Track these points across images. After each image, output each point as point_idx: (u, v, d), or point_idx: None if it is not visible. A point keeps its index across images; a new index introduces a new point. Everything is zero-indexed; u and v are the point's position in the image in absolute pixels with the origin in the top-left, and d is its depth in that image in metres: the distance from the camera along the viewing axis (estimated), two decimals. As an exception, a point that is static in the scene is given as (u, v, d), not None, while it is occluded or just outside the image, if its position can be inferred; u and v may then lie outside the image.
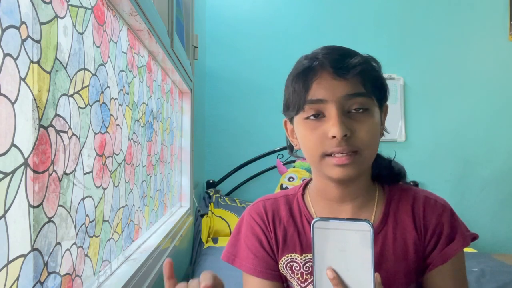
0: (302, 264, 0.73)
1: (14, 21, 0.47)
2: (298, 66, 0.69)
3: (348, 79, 0.64)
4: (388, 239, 0.70)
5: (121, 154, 0.91)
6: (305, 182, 0.82)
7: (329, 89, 0.64)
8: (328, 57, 0.65)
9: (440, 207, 0.72)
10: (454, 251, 0.68)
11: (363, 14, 2.72)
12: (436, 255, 0.69)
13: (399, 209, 0.72)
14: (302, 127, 0.67)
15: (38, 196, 0.53)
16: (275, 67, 2.62)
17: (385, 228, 0.71)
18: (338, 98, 0.63)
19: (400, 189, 0.75)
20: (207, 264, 1.72)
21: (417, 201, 0.72)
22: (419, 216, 0.71)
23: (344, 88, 0.64)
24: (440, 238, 0.69)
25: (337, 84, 0.64)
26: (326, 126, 0.64)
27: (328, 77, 0.64)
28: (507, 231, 2.60)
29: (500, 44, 2.69)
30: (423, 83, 2.68)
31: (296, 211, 0.77)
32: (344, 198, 0.72)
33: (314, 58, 0.67)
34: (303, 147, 0.69)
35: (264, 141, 2.58)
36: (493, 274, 1.66)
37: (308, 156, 0.69)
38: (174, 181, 1.71)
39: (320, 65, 0.65)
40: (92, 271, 0.74)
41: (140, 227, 1.12)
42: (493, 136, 2.65)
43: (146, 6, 0.94)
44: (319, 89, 0.64)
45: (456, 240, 0.69)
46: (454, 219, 0.71)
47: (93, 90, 0.73)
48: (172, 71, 1.43)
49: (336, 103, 0.63)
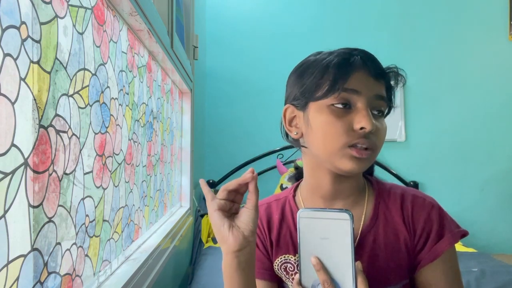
0: (296, 265, 0.74)
1: (14, 21, 0.47)
2: (329, 57, 0.68)
3: (380, 82, 0.68)
4: (379, 237, 0.71)
5: (121, 154, 0.91)
6: (295, 184, 0.83)
7: (366, 84, 0.66)
8: (367, 57, 0.68)
9: (428, 205, 0.72)
10: (443, 248, 0.69)
11: (363, 15, 2.72)
12: (426, 253, 0.70)
13: (388, 207, 0.73)
14: (326, 113, 0.66)
15: (38, 196, 0.53)
16: (275, 67, 2.62)
17: (376, 226, 0.72)
18: (371, 95, 0.66)
19: (388, 188, 0.76)
20: (207, 264, 1.72)
21: (406, 199, 0.73)
22: (408, 214, 0.72)
23: (376, 88, 0.67)
24: (429, 236, 0.70)
25: (372, 82, 0.67)
26: (353, 117, 0.65)
27: (366, 73, 0.66)
28: (507, 231, 2.60)
29: (500, 44, 2.69)
30: (423, 83, 2.68)
31: (288, 213, 0.78)
32: (336, 195, 0.73)
33: (351, 54, 0.68)
34: (321, 133, 0.67)
35: (264, 141, 2.58)
36: (493, 274, 1.67)
37: (323, 143, 0.67)
38: (174, 181, 1.71)
39: (362, 60, 0.67)
40: (92, 271, 0.74)
41: (140, 227, 1.12)
42: (493, 136, 2.65)
43: (146, 6, 0.94)
44: (357, 81, 0.65)
45: (445, 237, 0.70)
46: (442, 216, 0.72)
47: (93, 90, 0.73)
48: (172, 71, 1.43)
49: (367, 98, 0.65)
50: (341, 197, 0.73)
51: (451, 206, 2.61)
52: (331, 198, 0.73)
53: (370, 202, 0.74)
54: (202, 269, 1.68)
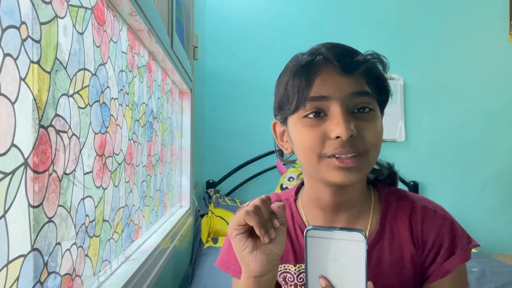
0: (296, 275, 0.71)
1: (14, 21, 0.47)
2: (295, 62, 0.62)
3: (354, 76, 0.59)
4: (384, 252, 0.67)
5: (121, 154, 0.91)
6: (296, 186, 0.78)
7: (334, 85, 0.58)
8: (332, 51, 0.60)
9: (439, 218, 0.67)
10: (453, 266, 0.65)
11: (363, 15, 2.72)
12: (435, 269, 0.66)
13: (396, 220, 0.68)
14: (300, 126, 0.61)
15: (38, 196, 0.53)
16: (275, 67, 2.60)
17: (381, 240, 0.67)
18: (343, 95, 0.58)
19: (397, 197, 0.71)
20: (207, 264, 1.72)
21: (415, 212, 0.68)
22: (417, 229, 0.67)
23: (350, 86, 0.59)
24: (440, 251, 0.66)
25: (343, 81, 0.58)
26: (328, 125, 0.58)
27: (332, 72, 0.59)
28: (507, 231, 2.60)
29: (500, 44, 2.68)
30: (423, 83, 2.68)
31: (289, 218, 0.74)
32: (339, 207, 0.67)
33: (316, 53, 0.61)
34: (299, 148, 0.63)
35: (264, 141, 2.58)
36: (493, 274, 1.67)
37: (304, 157, 0.63)
38: (174, 181, 1.71)
39: (324, 59, 0.59)
40: (92, 271, 0.74)
41: (140, 227, 1.12)
42: (493, 136, 2.65)
43: (146, 6, 0.93)
44: (323, 85, 0.58)
45: (457, 255, 0.65)
46: (454, 231, 0.67)
47: (93, 90, 0.73)
48: (172, 71, 1.43)
49: (340, 101, 0.58)
50: (342, 209, 0.68)
51: (451, 206, 2.60)
52: (332, 210, 0.68)
53: (376, 215, 0.69)
54: (202, 269, 1.68)
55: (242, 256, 0.57)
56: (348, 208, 0.68)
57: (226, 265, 0.76)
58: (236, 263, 0.72)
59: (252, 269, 0.56)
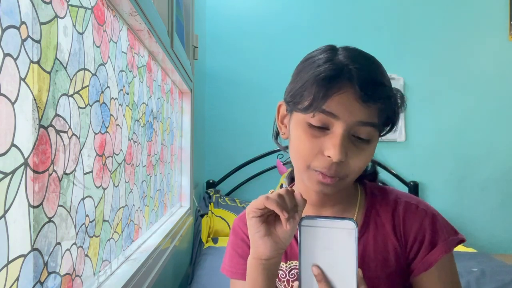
0: (288, 271, 0.73)
1: (14, 21, 0.47)
2: (321, 67, 0.61)
3: (369, 107, 0.60)
4: (369, 245, 0.69)
5: (121, 154, 0.91)
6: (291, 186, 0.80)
7: (348, 109, 0.59)
8: (359, 74, 0.59)
9: (421, 212, 0.70)
10: (436, 258, 0.67)
11: (363, 15, 2.72)
12: (418, 262, 0.68)
13: (380, 215, 0.71)
14: (301, 128, 0.63)
15: (38, 196, 0.53)
16: (275, 67, 2.62)
17: (366, 234, 0.70)
18: (351, 121, 0.60)
19: (382, 193, 0.74)
20: (207, 264, 1.72)
21: (398, 206, 0.71)
22: (399, 223, 0.69)
23: (361, 114, 0.60)
24: (422, 245, 0.68)
25: (357, 107, 0.59)
26: (325, 142, 0.61)
27: (351, 97, 0.59)
28: (507, 231, 2.60)
29: (500, 44, 2.69)
30: (423, 83, 2.68)
31: None
32: (324, 204, 0.72)
33: (342, 68, 0.60)
34: (294, 148, 0.66)
35: (264, 141, 2.58)
36: (493, 274, 1.67)
37: (295, 160, 0.67)
38: (174, 181, 1.71)
39: (349, 79, 0.60)
40: (92, 271, 0.74)
41: (140, 227, 1.12)
42: (493, 136, 2.65)
43: (146, 6, 0.93)
44: (338, 104, 0.59)
45: (438, 246, 0.67)
46: (436, 224, 0.69)
47: (93, 90, 0.73)
48: (172, 71, 1.43)
49: (346, 125, 0.60)
50: (328, 204, 0.72)
51: (451, 206, 2.61)
52: (320, 205, 0.72)
53: (361, 210, 0.72)
54: (202, 269, 1.68)
55: (254, 239, 0.60)
56: (334, 204, 0.72)
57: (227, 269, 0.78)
58: (234, 265, 0.76)
59: (259, 251, 0.60)
